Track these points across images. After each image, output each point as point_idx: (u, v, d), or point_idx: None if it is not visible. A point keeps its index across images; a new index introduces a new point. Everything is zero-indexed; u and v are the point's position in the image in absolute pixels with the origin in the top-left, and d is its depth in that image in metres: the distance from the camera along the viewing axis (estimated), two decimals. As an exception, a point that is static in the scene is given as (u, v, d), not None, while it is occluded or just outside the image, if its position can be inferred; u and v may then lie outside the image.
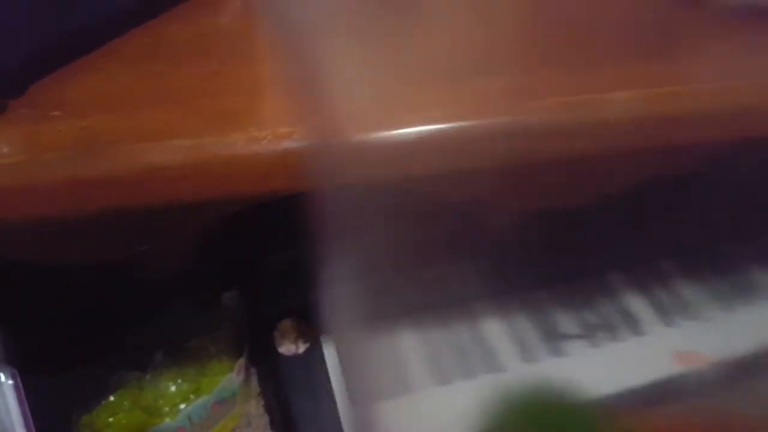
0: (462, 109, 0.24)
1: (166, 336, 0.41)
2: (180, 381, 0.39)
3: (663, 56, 0.31)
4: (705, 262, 0.54)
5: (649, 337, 0.45)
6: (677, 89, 0.28)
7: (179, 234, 0.32)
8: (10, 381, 0.31)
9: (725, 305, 0.49)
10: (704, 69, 0.31)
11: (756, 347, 0.45)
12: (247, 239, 0.48)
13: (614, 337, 0.45)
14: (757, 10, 0.34)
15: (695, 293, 0.51)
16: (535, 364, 0.42)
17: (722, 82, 0.29)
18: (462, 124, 0.24)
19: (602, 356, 0.43)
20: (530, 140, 0.26)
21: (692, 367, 0.44)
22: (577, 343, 0.44)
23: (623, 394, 0.40)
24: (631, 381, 0.41)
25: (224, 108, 0.25)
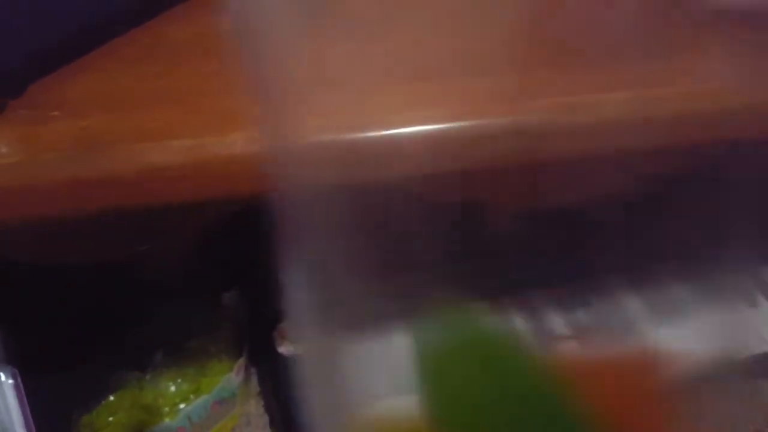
0: (456, 110, 0.24)
1: (166, 336, 0.41)
2: (180, 381, 0.39)
3: (663, 56, 0.31)
4: (705, 264, 0.54)
5: (644, 339, 0.45)
6: (678, 89, 0.28)
7: (179, 234, 0.32)
8: (11, 380, 0.30)
9: (725, 307, 0.49)
10: (704, 69, 0.31)
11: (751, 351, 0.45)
12: (247, 239, 0.48)
13: (609, 338, 0.45)
14: (753, 12, 0.34)
15: (693, 295, 0.51)
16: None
17: (722, 82, 0.29)
18: (458, 125, 0.24)
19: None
20: (528, 140, 0.26)
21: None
22: (570, 344, 0.44)
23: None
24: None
25: (224, 108, 0.25)
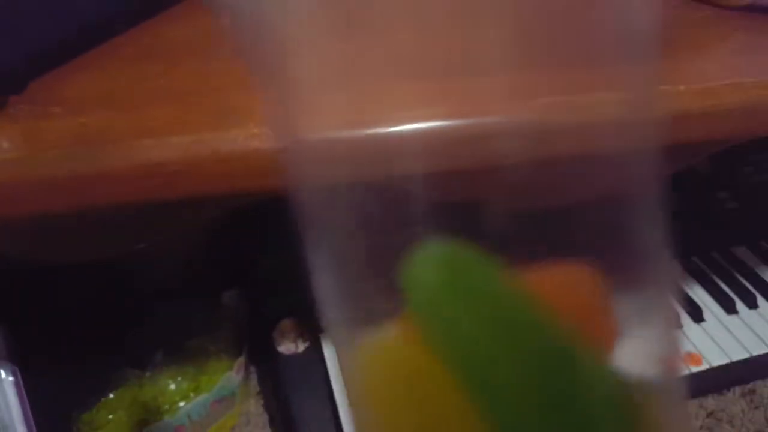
0: (454, 108, 0.24)
1: (166, 335, 0.41)
2: (180, 379, 0.39)
3: (663, 56, 0.31)
4: (706, 264, 0.54)
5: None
6: (678, 88, 0.29)
7: (179, 232, 0.32)
8: (11, 378, 0.31)
9: (729, 308, 0.49)
10: (705, 68, 0.31)
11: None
12: (247, 239, 0.48)
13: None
14: (758, 9, 0.34)
15: (699, 296, 0.51)
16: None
17: (724, 81, 0.29)
18: (456, 123, 0.24)
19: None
20: (526, 140, 0.26)
21: (691, 369, 0.45)
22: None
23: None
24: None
25: (223, 105, 0.25)
